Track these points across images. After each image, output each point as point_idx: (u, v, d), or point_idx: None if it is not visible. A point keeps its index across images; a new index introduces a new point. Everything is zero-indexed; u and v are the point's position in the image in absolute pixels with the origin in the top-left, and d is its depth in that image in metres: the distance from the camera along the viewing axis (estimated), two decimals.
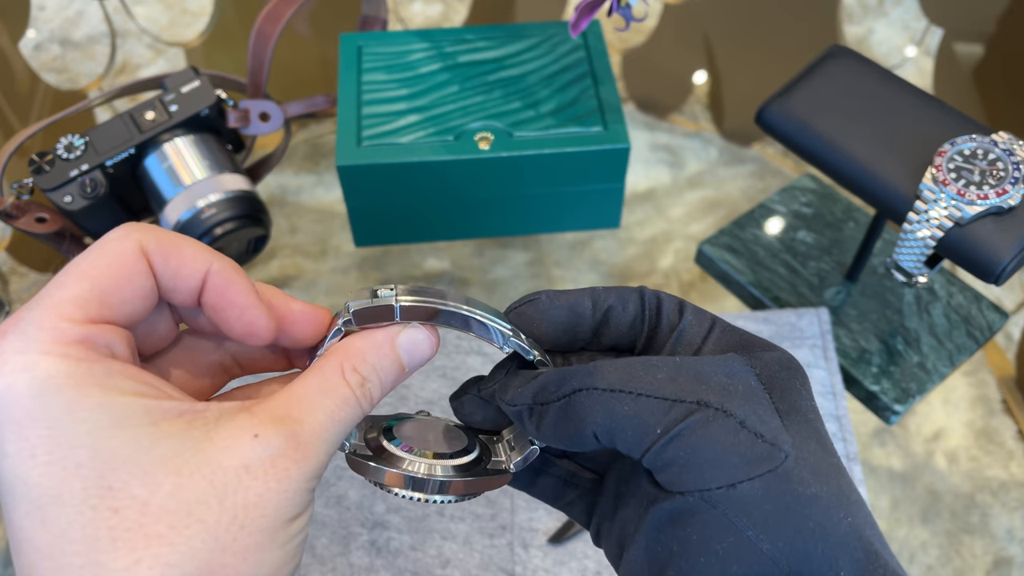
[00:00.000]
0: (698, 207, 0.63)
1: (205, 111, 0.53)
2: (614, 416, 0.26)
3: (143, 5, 0.79)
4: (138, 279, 0.25)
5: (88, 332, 0.23)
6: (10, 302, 0.59)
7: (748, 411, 0.26)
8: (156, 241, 0.25)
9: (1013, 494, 0.49)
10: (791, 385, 0.28)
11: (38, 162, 0.50)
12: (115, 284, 0.24)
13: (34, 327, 0.23)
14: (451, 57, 0.57)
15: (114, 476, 0.22)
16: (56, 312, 0.23)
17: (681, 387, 0.26)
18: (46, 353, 0.22)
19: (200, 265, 0.26)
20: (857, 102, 0.46)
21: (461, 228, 0.58)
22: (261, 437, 0.24)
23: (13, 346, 0.23)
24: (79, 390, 0.22)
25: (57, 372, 0.22)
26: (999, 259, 0.41)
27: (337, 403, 0.26)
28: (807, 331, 0.51)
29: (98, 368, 0.23)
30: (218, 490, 0.23)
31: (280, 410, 0.25)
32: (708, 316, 0.29)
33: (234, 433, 0.24)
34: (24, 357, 0.22)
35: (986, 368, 0.54)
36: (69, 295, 0.24)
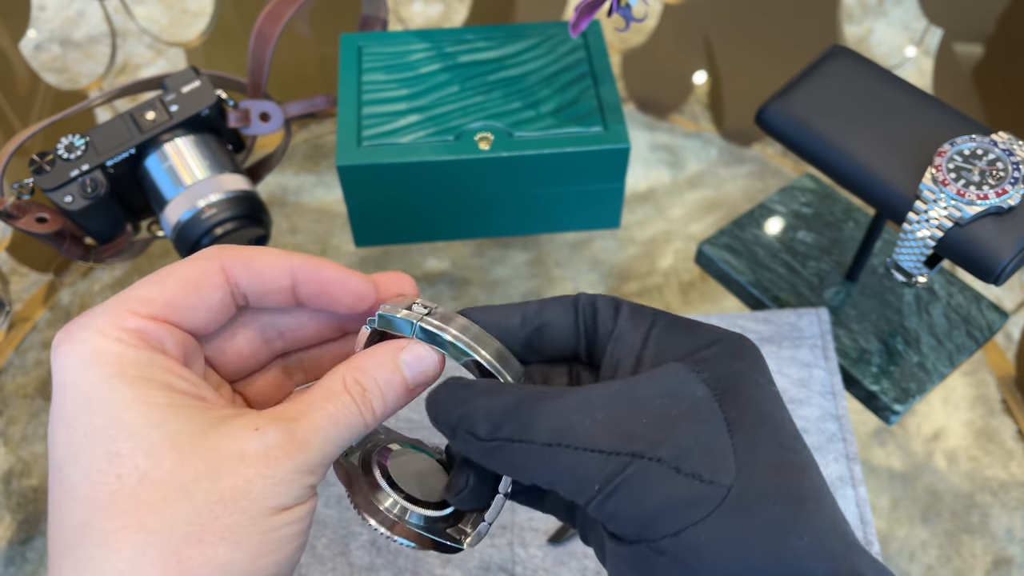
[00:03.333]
0: (698, 207, 0.63)
1: (205, 111, 0.53)
2: (553, 471, 0.26)
3: (143, 5, 0.79)
4: (209, 291, 0.28)
5: (145, 326, 0.26)
6: (10, 302, 0.59)
7: (685, 447, 0.25)
8: (237, 258, 0.29)
9: (1013, 494, 0.49)
10: (744, 378, 0.27)
11: (38, 162, 0.50)
12: (185, 292, 0.28)
13: (102, 311, 0.26)
14: (451, 57, 0.57)
15: (123, 444, 0.24)
16: (124, 305, 0.27)
17: (619, 429, 0.26)
18: (103, 334, 0.26)
19: (283, 267, 0.29)
20: (857, 102, 0.46)
21: (461, 228, 0.58)
22: (260, 430, 0.25)
23: (82, 322, 0.26)
24: (117, 368, 0.25)
25: (105, 350, 0.25)
26: (999, 259, 0.41)
27: (336, 407, 0.27)
28: (807, 331, 0.51)
29: (142, 355, 0.26)
30: (212, 471, 0.25)
31: (283, 412, 0.27)
32: (647, 314, 0.29)
33: (237, 425, 0.26)
34: (85, 333, 0.26)
35: (986, 368, 0.54)
36: (140, 294, 0.27)
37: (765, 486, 0.25)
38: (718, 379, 0.27)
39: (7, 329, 0.58)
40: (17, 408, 0.54)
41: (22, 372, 0.56)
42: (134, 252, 0.56)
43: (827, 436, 0.47)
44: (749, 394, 0.27)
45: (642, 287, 0.59)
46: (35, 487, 0.51)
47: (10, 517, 0.50)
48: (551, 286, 0.58)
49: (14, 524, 0.49)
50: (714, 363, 0.27)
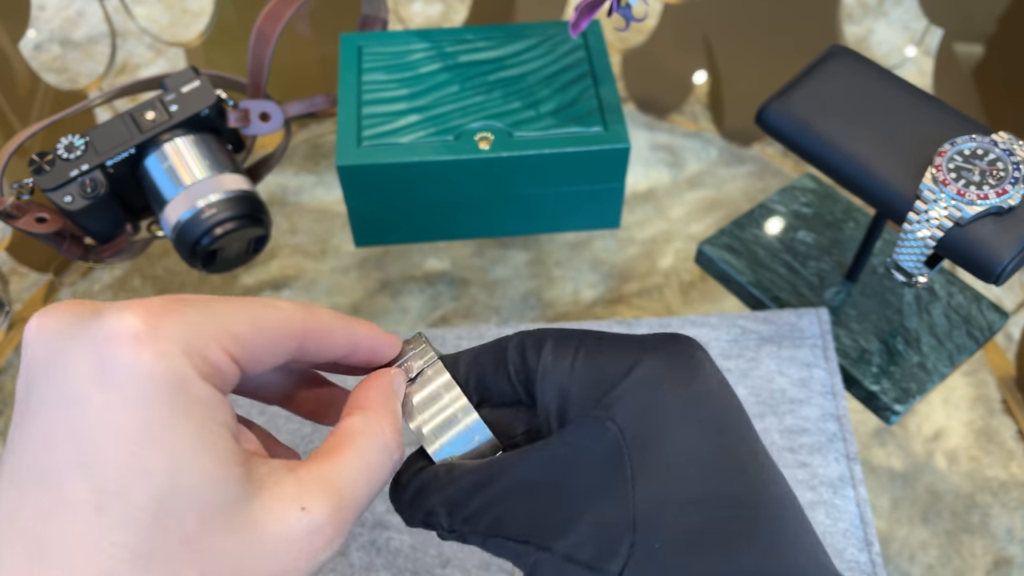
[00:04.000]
0: (698, 207, 0.63)
1: (205, 111, 0.53)
2: (500, 553, 0.28)
3: (143, 5, 0.79)
4: (281, 352, 0.27)
5: (227, 368, 0.25)
6: (10, 302, 0.59)
7: (581, 532, 0.26)
8: (318, 326, 0.28)
9: (1013, 494, 0.49)
10: (659, 410, 0.27)
11: (38, 162, 0.50)
12: (266, 347, 0.26)
13: (197, 332, 0.24)
14: (451, 57, 0.57)
15: (177, 501, 0.23)
16: (220, 335, 0.25)
17: (530, 517, 0.27)
18: (188, 357, 0.23)
19: (347, 344, 0.29)
20: (857, 102, 0.46)
21: (461, 228, 0.58)
22: (308, 511, 0.24)
23: (175, 334, 0.23)
24: (190, 404, 0.23)
25: (188, 380, 0.23)
26: (999, 259, 0.41)
27: (381, 479, 0.27)
28: (807, 331, 0.51)
29: (212, 394, 0.24)
30: (255, 554, 0.23)
31: (326, 480, 0.25)
32: (572, 345, 0.29)
33: (282, 499, 0.24)
34: (171, 346, 0.23)
35: (986, 368, 0.54)
36: (236, 330, 0.25)
37: (672, 554, 0.25)
38: (631, 420, 0.27)
39: (7, 329, 0.58)
40: None
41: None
42: (134, 252, 0.56)
43: (827, 436, 0.47)
44: (665, 432, 0.26)
45: (642, 287, 0.59)
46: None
47: None
48: (551, 286, 0.58)
49: None
50: (629, 400, 0.27)
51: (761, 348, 0.50)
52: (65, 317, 0.24)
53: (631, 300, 0.58)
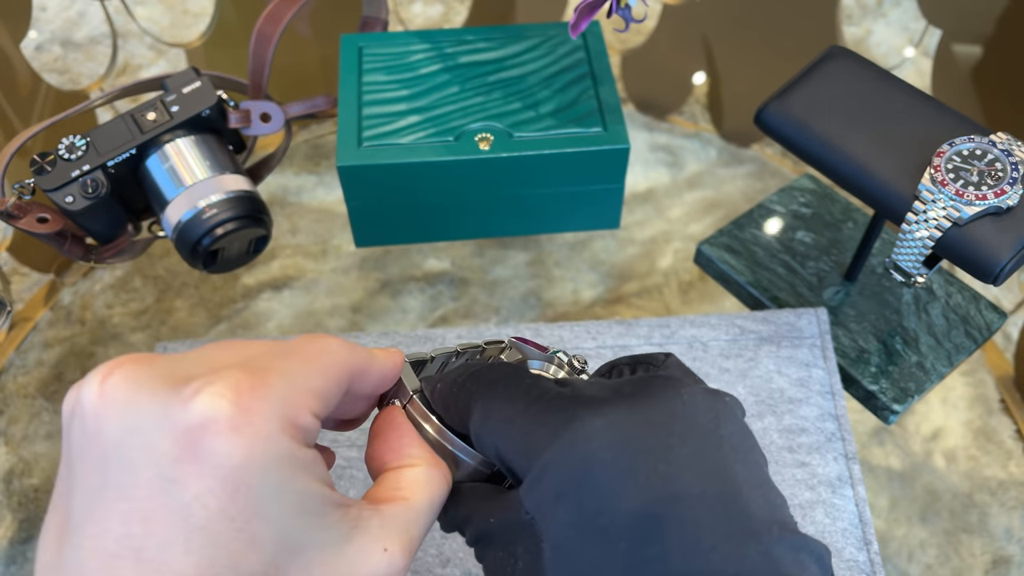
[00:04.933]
0: (697, 207, 0.63)
1: (206, 112, 0.53)
2: None
3: (144, 6, 0.79)
4: (342, 393, 0.28)
5: (314, 426, 0.26)
6: (12, 302, 0.59)
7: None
8: (359, 363, 0.29)
9: (1011, 493, 0.50)
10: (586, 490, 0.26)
11: (39, 162, 0.50)
12: (336, 392, 0.27)
13: (288, 406, 0.25)
14: (451, 58, 0.58)
15: (285, 558, 0.24)
16: (305, 399, 0.25)
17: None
18: (284, 431, 0.24)
19: (377, 379, 0.30)
20: (856, 103, 0.46)
21: (461, 228, 0.58)
22: (389, 552, 0.27)
23: (269, 414, 0.24)
24: (293, 474, 0.24)
25: (288, 454, 0.24)
26: (997, 259, 0.41)
27: (438, 514, 0.30)
28: (806, 331, 0.51)
29: (309, 456, 0.25)
30: None
31: (402, 522, 0.28)
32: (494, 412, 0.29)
33: (369, 541, 0.26)
34: (269, 428, 0.24)
35: (984, 368, 0.54)
36: (314, 387, 0.26)
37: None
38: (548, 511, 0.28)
39: (8, 329, 0.58)
40: (18, 408, 0.54)
41: (23, 372, 0.56)
42: (135, 252, 0.56)
43: (826, 436, 0.47)
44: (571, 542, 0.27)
45: (642, 287, 0.59)
46: (36, 487, 0.51)
47: (11, 517, 0.50)
48: (551, 286, 0.59)
49: (15, 524, 0.49)
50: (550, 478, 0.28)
51: (760, 348, 0.50)
52: (136, 386, 0.24)
53: (630, 300, 0.58)
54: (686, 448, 0.26)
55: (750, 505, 0.26)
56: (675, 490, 0.25)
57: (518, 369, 0.30)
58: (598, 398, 0.28)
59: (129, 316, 0.58)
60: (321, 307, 0.58)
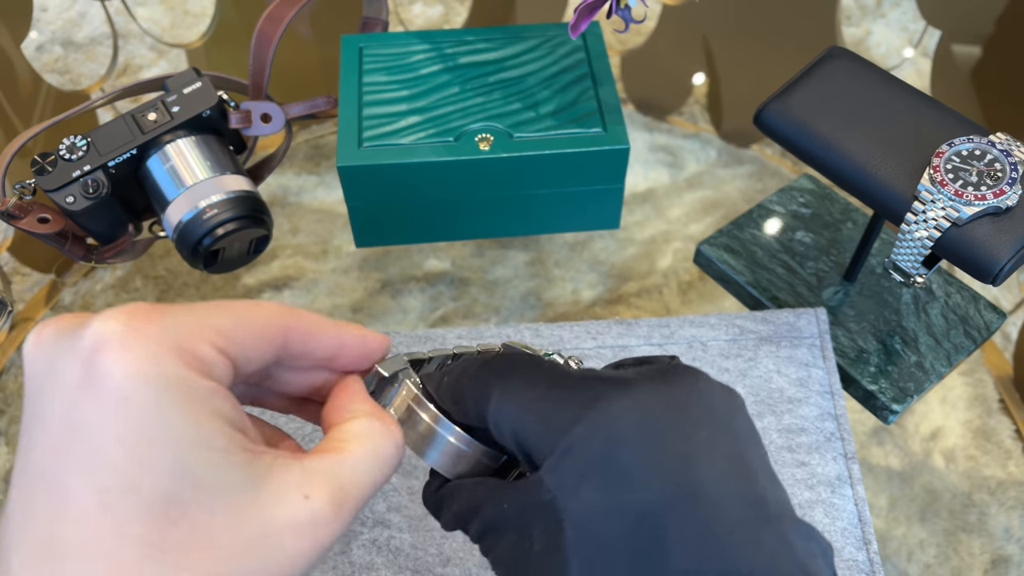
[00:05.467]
0: (697, 208, 0.63)
1: (207, 112, 0.53)
2: None
3: (145, 6, 0.79)
4: (266, 347, 0.27)
5: (214, 357, 0.25)
6: (12, 302, 0.59)
7: None
8: (301, 326, 0.28)
9: (1011, 493, 0.50)
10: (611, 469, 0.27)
11: (40, 163, 0.51)
12: (251, 340, 0.27)
13: (181, 330, 0.25)
14: (452, 58, 0.58)
15: (184, 492, 0.23)
16: (203, 330, 0.25)
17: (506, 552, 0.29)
18: (176, 354, 0.24)
19: (334, 345, 0.30)
20: (855, 103, 0.46)
21: (461, 228, 0.58)
22: (311, 500, 0.25)
23: (151, 330, 0.24)
24: (184, 400, 0.24)
25: (179, 377, 0.24)
26: (997, 259, 0.41)
27: (383, 476, 0.28)
28: (805, 331, 0.51)
29: (207, 386, 0.25)
30: (260, 541, 0.24)
31: (332, 472, 0.26)
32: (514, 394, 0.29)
33: (287, 486, 0.25)
34: (155, 345, 0.24)
35: (984, 368, 0.54)
36: (217, 323, 0.26)
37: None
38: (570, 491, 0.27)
39: (9, 329, 0.58)
40: (18, 408, 0.54)
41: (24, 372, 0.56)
42: (136, 252, 0.56)
43: (825, 435, 0.47)
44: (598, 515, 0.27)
45: (641, 287, 0.59)
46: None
47: None
48: (551, 286, 0.59)
49: None
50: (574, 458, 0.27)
51: (759, 348, 0.50)
52: (56, 330, 0.25)
53: (630, 300, 0.58)
54: (705, 433, 0.27)
55: (765, 492, 0.27)
56: (697, 473, 0.26)
57: (533, 357, 0.31)
58: (623, 379, 0.28)
59: None
60: (321, 307, 0.58)
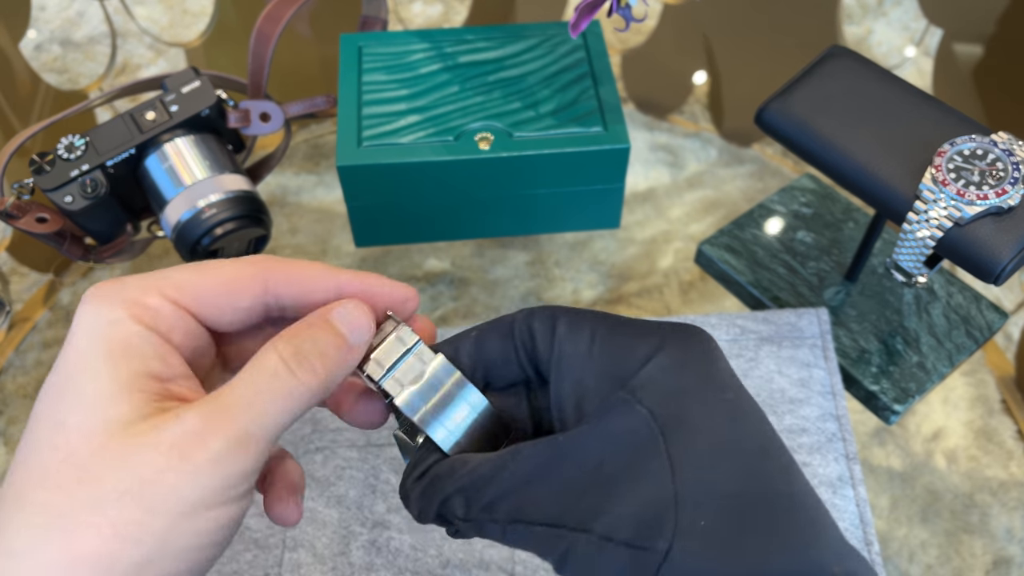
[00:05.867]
0: (698, 207, 0.63)
1: (206, 111, 0.53)
2: (519, 541, 0.27)
3: (143, 5, 0.79)
4: (241, 296, 0.28)
5: (163, 307, 0.27)
6: (11, 302, 0.59)
7: (618, 514, 0.25)
8: (282, 271, 0.29)
9: (1012, 494, 0.49)
10: (688, 396, 0.27)
11: (39, 162, 0.50)
12: (217, 290, 0.28)
13: (136, 285, 0.27)
14: (451, 57, 0.57)
15: (71, 416, 0.25)
16: (157, 282, 0.27)
17: (560, 500, 0.27)
18: (123, 303, 0.26)
19: (329, 285, 0.29)
20: (856, 102, 0.46)
21: (461, 228, 0.58)
22: (179, 416, 0.25)
23: (112, 287, 0.27)
24: (110, 343, 0.26)
25: (115, 323, 0.26)
26: (999, 259, 0.41)
27: (268, 379, 0.26)
28: (806, 331, 0.51)
29: (140, 333, 0.26)
30: (124, 459, 0.24)
31: (213, 396, 0.26)
32: (585, 326, 0.29)
33: (168, 415, 0.25)
34: (110, 298, 0.27)
35: (985, 368, 0.54)
36: (177, 277, 0.28)
37: (716, 533, 0.25)
38: (660, 405, 0.27)
39: (7, 329, 0.58)
40: (17, 408, 0.54)
41: (22, 372, 0.56)
42: (134, 252, 0.56)
43: (827, 436, 0.47)
44: (695, 417, 0.26)
45: (642, 287, 0.59)
46: None
47: None
48: (551, 286, 0.59)
49: None
50: (655, 386, 0.27)
51: (761, 348, 0.50)
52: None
53: (631, 300, 0.58)
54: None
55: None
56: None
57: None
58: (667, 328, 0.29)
59: None
60: None
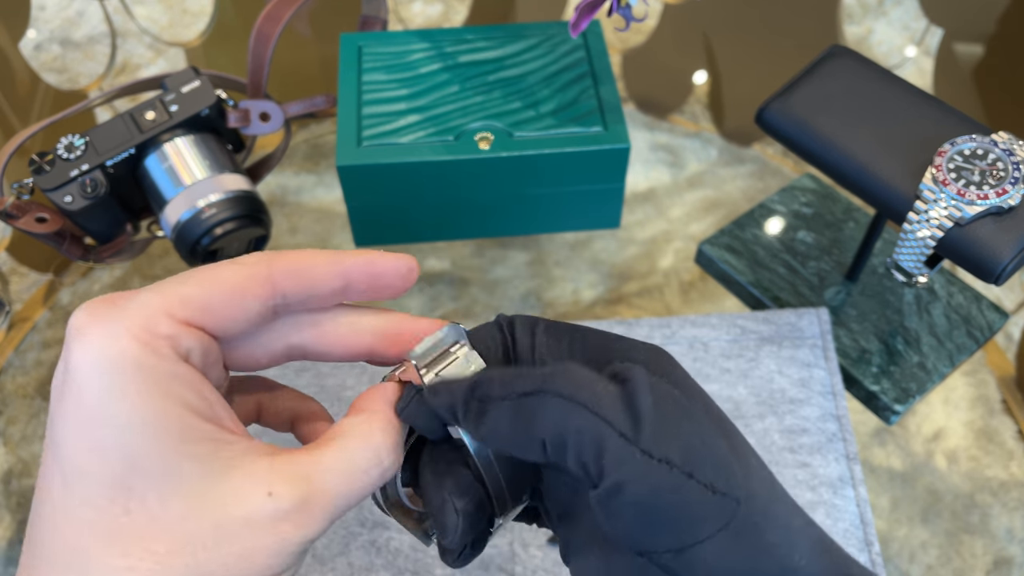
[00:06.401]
0: (698, 207, 0.63)
1: (205, 111, 0.53)
2: (571, 430, 0.24)
3: (143, 5, 0.79)
4: (251, 301, 0.26)
5: (177, 332, 0.24)
6: (10, 302, 0.59)
7: (695, 448, 0.23)
8: (288, 266, 0.26)
9: (1013, 494, 0.49)
10: (665, 390, 0.25)
11: (38, 162, 0.50)
12: (228, 300, 0.25)
13: (137, 306, 0.24)
14: (451, 57, 0.57)
15: (135, 479, 0.23)
16: (162, 302, 0.24)
17: (627, 409, 0.24)
18: (132, 335, 0.23)
19: (335, 272, 0.27)
20: (857, 102, 0.46)
21: (461, 228, 0.58)
22: (274, 496, 0.24)
23: (112, 314, 0.24)
24: (136, 382, 0.23)
25: (130, 356, 0.23)
26: (999, 259, 0.41)
27: (364, 481, 0.25)
28: (807, 331, 0.51)
29: (166, 368, 0.24)
30: (218, 534, 0.23)
31: (300, 471, 0.24)
32: (562, 330, 0.28)
33: (250, 481, 0.24)
34: (113, 328, 0.23)
35: (986, 368, 0.54)
36: (182, 291, 0.25)
37: (766, 502, 0.24)
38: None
39: (7, 329, 0.58)
40: (17, 408, 0.54)
41: (22, 372, 0.56)
42: (134, 252, 0.56)
43: (827, 436, 0.47)
44: (676, 416, 0.25)
45: (642, 287, 0.59)
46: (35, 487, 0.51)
47: (10, 517, 0.49)
48: (551, 286, 0.58)
49: (14, 524, 0.49)
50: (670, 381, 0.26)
51: (761, 348, 0.50)
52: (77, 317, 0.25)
53: (631, 300, 0.58)
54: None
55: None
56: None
57: None
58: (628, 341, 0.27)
59: None
60: None
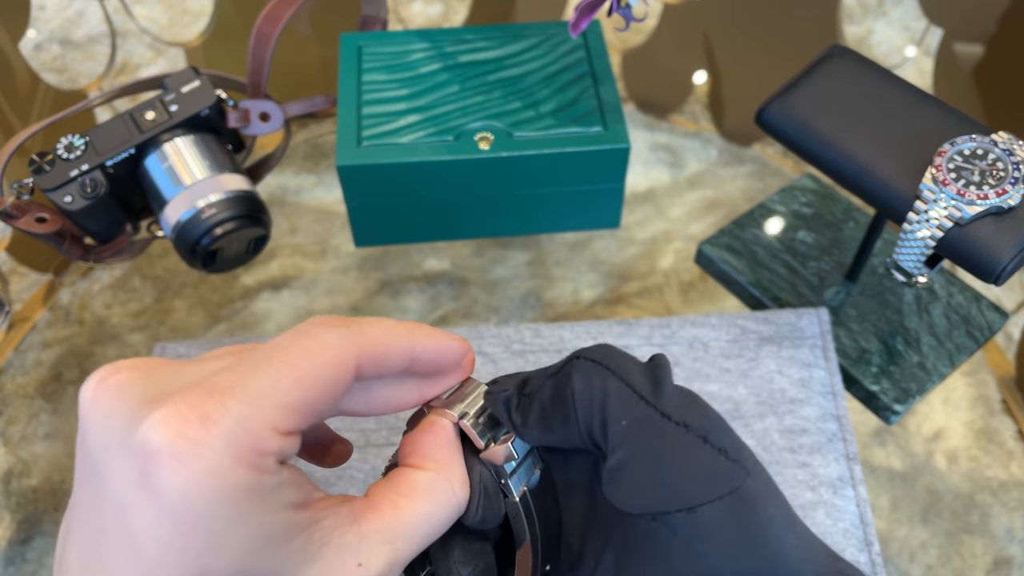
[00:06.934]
0: (698, 207, 0.63)
1: (205, 111, 0.53)
2: (596, 390, 0.26)
3: (143, 5, 0.79)
4: (342, 391, 0.25)
5: (283, 445, 0.23)
6: (10, 302, 0.59)
7: (713, 419, 0.26)
8: (372, 350, 0.26)
9: (1013, 494, 0.49)
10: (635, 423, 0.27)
11: (38, 162, 0.50)
12: (325, 397, 0.24)
13: (242, 429, 0.22)
14: (451, 57, 0.57)
15: None
16: (270, 419, 0.23)
17: (652, 384, 0.27)
18: (240, 461, 0.22)
19: (406, 353, 0.27)
20: (857, 102, 0.46)
21: (461, 228, 0.58)
22: (364, 567, 0.25)
23: (215, 441, 0.22)
24: (250, 506, 0.22)
25: (241, 484, 0.22)
26: (999, 259, 0.41)
27: (438, 531, 0.27)
28: (807, 331, 0.51)
29: (272, 481, 0.23)
30: None
31: (387, 535, 0.25)
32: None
33: (341, 557, 0.24)
34: (219, 460, 0.22)
35: (986, 368, 0.54)
36: (286, 401, 0.23)
37: (766, 482, 0.26)
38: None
39: (7, 329, 0.58)
40: (17, 408, 0.54)
41: (22, 372, 0.56)
42: (134, 252, 0.56)
43: (827, 436, 0.47)
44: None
45: (642, 287, 0.59)
46: (35, 487, 0.51)
47: (10, 517, 0.49)
48: (551, 286, 0.58)
49: (14, 524, 0.49)
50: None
51: (761, 348, 0.50)
52: (119, 401, 0.23)
53: (631, 300, 0.58)
54: None
55: None
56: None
57: None
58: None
59: (128, 316, 0.58)
60: (320, 307, 0.58)
